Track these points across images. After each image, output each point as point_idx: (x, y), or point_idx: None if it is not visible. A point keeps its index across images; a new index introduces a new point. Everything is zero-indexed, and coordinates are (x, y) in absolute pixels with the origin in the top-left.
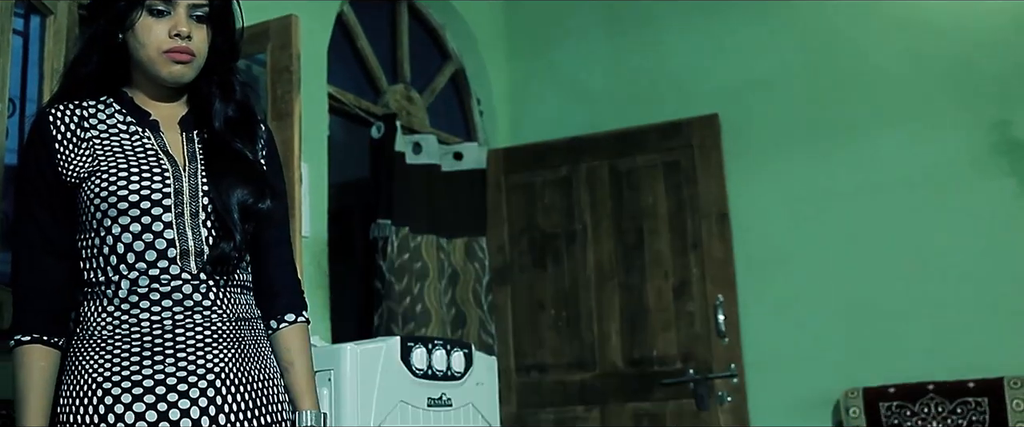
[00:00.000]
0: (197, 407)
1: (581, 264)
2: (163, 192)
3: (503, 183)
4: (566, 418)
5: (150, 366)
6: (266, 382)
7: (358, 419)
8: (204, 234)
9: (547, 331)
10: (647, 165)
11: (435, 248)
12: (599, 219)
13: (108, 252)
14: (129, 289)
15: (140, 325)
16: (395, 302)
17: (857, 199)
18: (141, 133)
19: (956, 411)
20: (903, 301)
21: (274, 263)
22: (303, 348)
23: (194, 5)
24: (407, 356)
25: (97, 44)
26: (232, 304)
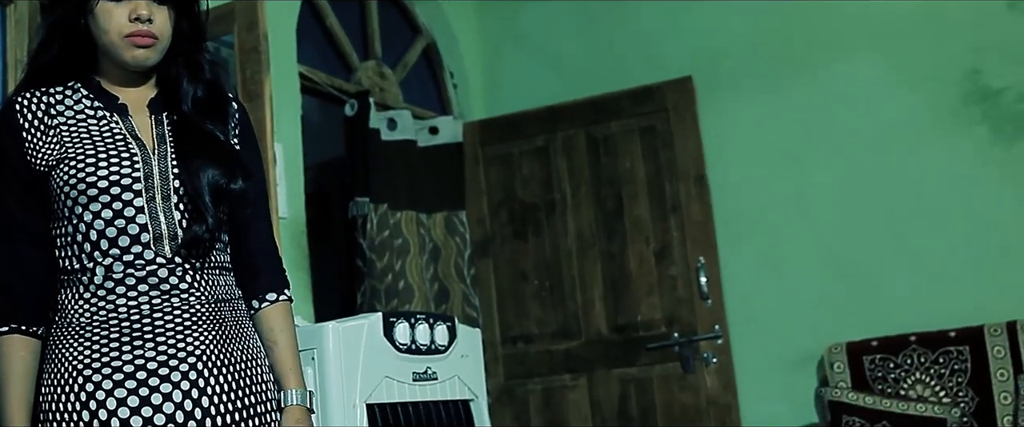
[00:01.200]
0: (179, 390)
1: (562, 233)
2: (133, 176)
3: (480, 155)
4: (553, 387)
5: (130, 351)
6: (249, 362)
7: (344, 396)
8: (177, 217)
9: (531, 301)
10: (623, 131)
11: (415, 224)
12: (578, 187)
13: (82, 239)
14: (104, 275)
15: (117, 311)
16: (377, 280)
17: (833, 154)
18: (109, 118)
19: (938, 361)
20: (882, 254)
21: (253, 242)
22: (286, 327)
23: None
24: (390, 331)
25: (58, 31)
26: (210, 286)
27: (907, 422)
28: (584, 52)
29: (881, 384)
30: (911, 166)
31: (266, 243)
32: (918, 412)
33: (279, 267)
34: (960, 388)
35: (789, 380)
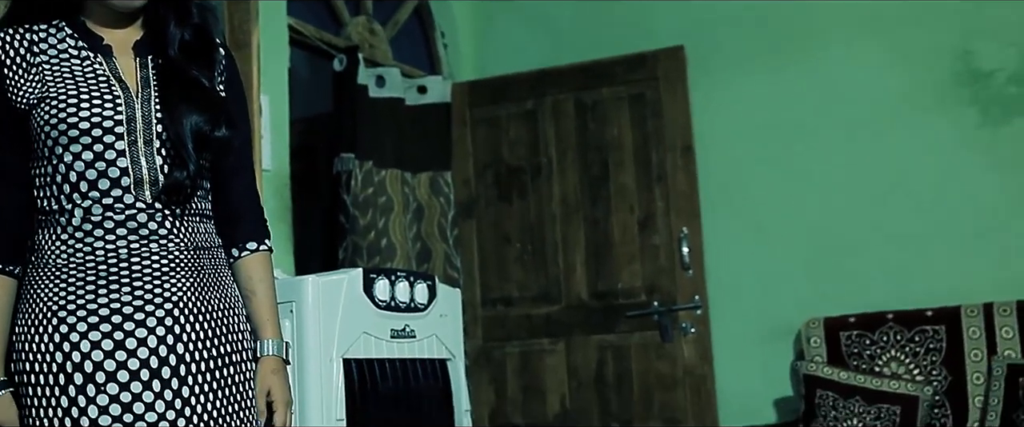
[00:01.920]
0: (154, 336)
1: (546, 198)
2: (115, 119)
3: (468, 117)
4: (531, 351)
5: (106, 295)
6: (226, 311)
7: (321, 350)
8: (158, 163)
9: (512, 265)
10: (612, 98)
11: (400, 182)
12: (564, 152)
13: (61, 180)
14: (83, 217)
15: (95, 253)
16: (359, 236)
17: (821, 131)
18: (93, 58)
19: (914, 339)
20: (865, 232)
21: (235, 191)
22: (265, 277)
23: None
24: (370, 288)
25: None
26: (190, 233)
27: (880, 398)
28: (576, 16)
29: (856, 360)
30: (898, 145)
31: (248, 193)
32: (891, 389)
33: (260, 217)
34: (934, 367)
35: (766, 353)
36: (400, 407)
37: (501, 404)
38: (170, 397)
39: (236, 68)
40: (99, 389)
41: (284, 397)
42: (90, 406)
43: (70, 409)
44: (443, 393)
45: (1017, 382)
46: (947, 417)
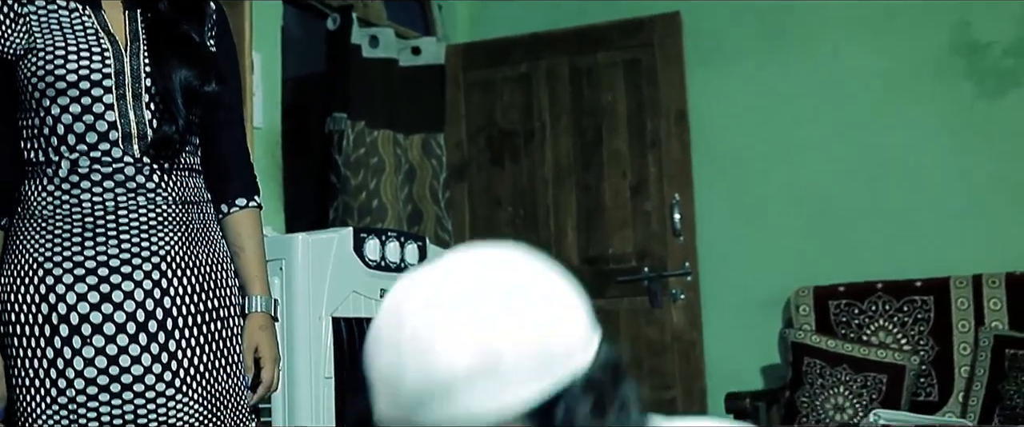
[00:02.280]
0: (141, 290)
1: (539, 162)
2: (103, 72)
3: (462, 79)
4: None
5: (92, 247)
6: (214, 266)
7: (310, 309)
8: (147, 117)
9: (504, 228)
10: (607, 63)
11: (392, 143)
12: (558, 117)
13: (48, 132)
14: (70, 169)
15: (82, 205)
16: (350, 196)
17: (815, 100)
18: (81, 10)
19: (903, 309)
20: (856, 201)
21: (225, 146)
22: (254, 233)
23: None
24: (360, 247)
25: None
26: (179, 187)
27: (867, 366)
28: None
29: (845, 329)
30: (893, 116)
31: (238, 149)
32: (878, 358)
33: (250, 174)
34: (921, 337)
35: (755, 320)
36: None
37: None
38: (156, 351)
39: (227, 23)
40: (85, 342)
41: (272, 353)
42: (75, 358)
43: (55, 360)
44: None
45: (1003, 353)
46: (933, 386)
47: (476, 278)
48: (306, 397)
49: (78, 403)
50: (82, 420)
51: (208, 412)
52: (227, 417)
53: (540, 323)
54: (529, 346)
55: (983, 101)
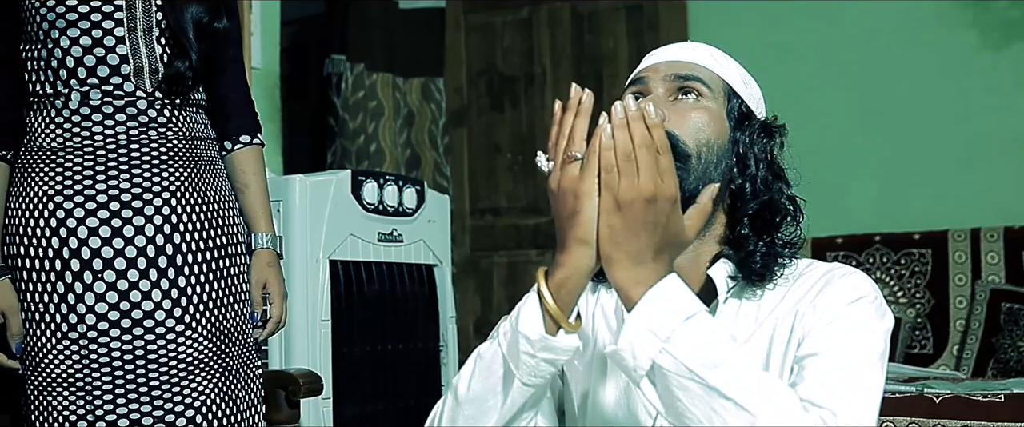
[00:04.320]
0: (152, 225)
1: (539, 108)
2: (114, 4)
3: (462, 23)
4: (518, 261)
5: (104, 181)
6: (221, 203)
7: (307, 251)
8: (158, 51)
9: (503, 174)
10: (609, 8)
11: (391, 87)
12: (558, 63)
13: (57, 65)
14: (80, 101)
15: (93, 138)
16: (348, 140)
17: (818, 49)
18: None
19: (900, 262)
20: (856, 153)
21: (227, 84)
22: (258, 170)
23: None
24: (358, 190)
25: None
26: (188, 123)
27: None
28: None
29: None
30: (896, 66)
31: (241, 86)
32: None
33: (252, 111)
34: (918, 290)
35: None
36: (385, 310)
37: (486, 313)
38: (166, 287)
39: None
40: (96, 276)
41: (280, 290)
42: (87, 293)
43: (66, 295)
44: (429, 299)
45: (999, 306)
46: (928, 339)
47: None
48: (303, 339)
49: (89, 339)
50: (93, 356)
51: (216, 348)
52: (235, 353)
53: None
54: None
55: (987, 52)
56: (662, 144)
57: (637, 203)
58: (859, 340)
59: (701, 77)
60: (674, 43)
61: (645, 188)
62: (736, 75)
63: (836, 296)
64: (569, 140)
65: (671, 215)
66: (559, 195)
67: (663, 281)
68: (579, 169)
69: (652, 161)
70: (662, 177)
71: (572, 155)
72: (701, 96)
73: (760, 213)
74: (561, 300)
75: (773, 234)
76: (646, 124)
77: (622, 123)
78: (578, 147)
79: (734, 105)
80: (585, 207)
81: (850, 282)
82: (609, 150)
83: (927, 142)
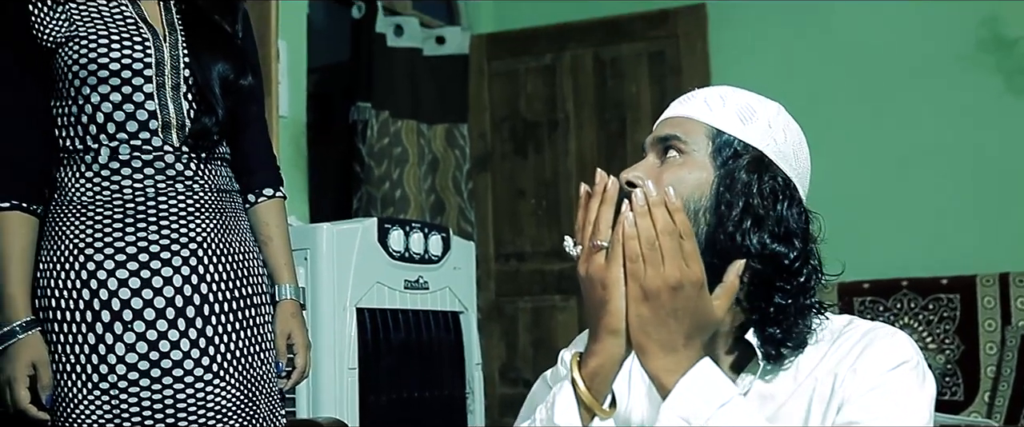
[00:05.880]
0: (180, 275)
1: (562, 153)
2: (144, 61)
3: (486, 69)
4: (543, 306)
5: (133, 233)
6: (246, 254)
7: (334, 299)
8: (185, 107)
9: (527, 220)
10: (632, 54)
11: (415, 133)
12: (582, 108)
13: (87, 120)
14: (110, 156)
15: (123, 191)
16: (374, 186)
17: (841, 93)
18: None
19: (928, 307)
20: (882, 197)
21: (250, 138)
22: (281, 222)
23: None
24: (384, 237)
25: None
26: (213, 176)
27: None
28: None
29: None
30: (919, 110)
31: (263, 140)
32: None
33: (275, 164)
34: (947, 336)
35: None
36: (412, 358)
37: (512, 358)
38: (194, 336)
39: (250, 22)
40: (126, 327)
41: (304, 340)
42: (117, 344)
43: (97, 346)
44: (454, 346)
45: None
46: (958, 386)
47: None
48: (331, 388)
49: (119, 389)
50: (123, 405)
51: (244, 396)
52: (262, 401)
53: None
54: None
55: (1011, 97)
56: (684, 229)
57: (664, 292)
58: (901, 410)
59: (679, 133)
60: (695, 89)
61: (671, 276)
62: (731, 114)
63: (877, 360)
64: (595, 228)
65: (699, 299)
66: (587, 284)
67: (696, 368)
68: (605, 258)
69: (675, 247)
70: (687, 262)
71: (598, 244)
72: (681, 152)
73: (763, 271)
74: (595, 389)
75: (787, 297)
76: (668, 209)
77: (643, 210)
78: (603, 235)
79: (720, 144)
80: (613, 296)
81: (891, 345)
82: (633, 238)
83: (953, 186)
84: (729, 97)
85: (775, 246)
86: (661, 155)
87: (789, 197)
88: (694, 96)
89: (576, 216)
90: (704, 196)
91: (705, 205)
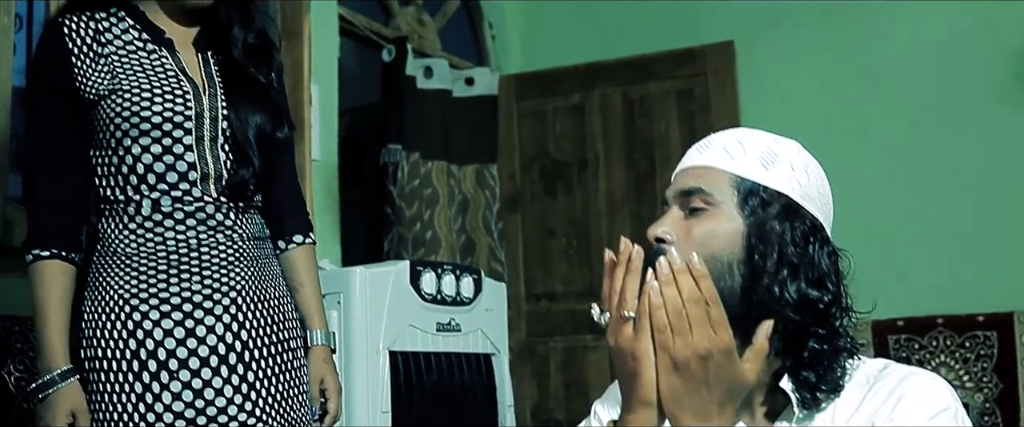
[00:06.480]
0: (221, 324)
1: (592, 193)
2: (185, 114)
3: (515, 110)
4: (575, 347)
5: (177, 284)
6: (280, 299)
7: (367, 342)
8: (222, 158)
9: (557, 259)
10: (660, 93)
11: (446, 174)
12: (611, 147)
13: (127, 171)
14: (152, 207)
15: (165, 243)
16: (405, 228)
17: (872, 129)
18: (159, 52)
19: (965, 345)
20: (916, 233)
21: (282, 186)
22: (311, 269)
23: None
24: (416, 280)
25: None
26: (249, 224)
27: None
28: (625, 10)
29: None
30: (954, 144)
31: (294, 188)
32: None
33: (305, 210)
34: (985, 373)
35: None
36: (444, 401)
37: (543, 399)
38: (237, 382)
39: (282, 67)
40: (172, 376)
41: (336, 385)
42: (164, 392)
43: (144, 395)
44: (487, 388)
45: None
46: (998, 425)
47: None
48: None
49: None
50: None
51: None
52: None
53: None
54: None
55: None
56: (710, 296)
57: (694, 361)
58: None
59: (702, 185)
60: (723, 130)
61: (699, 345)
62: (753, 160)
63: (916, 409)
64: (621, 298)
65: (729, 366)
66: (618, 355)
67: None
68: (633, 328)
69: (702, 315)
70: (715, 330)
71: (626, 315)
72: (707, 205)
73: (799, 320)
74: None
75: (822, 342)
76: (693, 275)
77: (669, 279)
78: (630, 305)
79: (745, 193)
80: (644, 368)
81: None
82: (660, 308)
83: (988, 221)
84: (748, 142)
85: (810, 292)
86: (686, 207)
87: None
88: (712, 143)
89: (602, 284)
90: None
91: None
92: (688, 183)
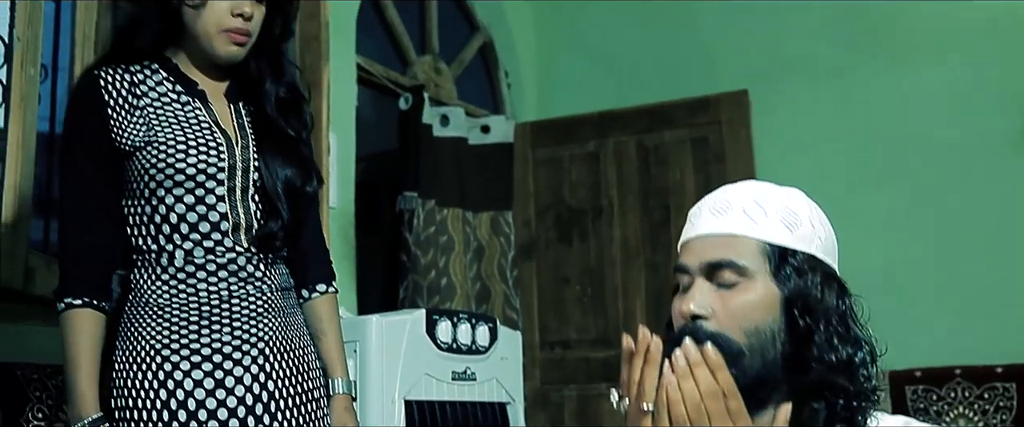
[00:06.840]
0: (249, 374)
1: (607, 240)
2: (218, 166)
3: (530, 157)
4: (589, 395)
5: (208, 335)
6: (304, 349)
7: (383, 390)
8: (252, 209)
9: (572, 307)
10: (675, 141)
11: (461, 222)
12: (626, 195)
13: (160, 221)
14: (185, 259)
15: (198, 294)
16: (421, 275)
17: (887, 178)
18: (192, 103)
19: (983, 396)
20: (931, 282)
21: (306, 236)
22: (333, 317)
23: None
24: (432, 329)
25: (156, 12)
26: (276, 275)
27: None
28: (640, 58)
29: (923, 416)
30: (969, 193)
31: (317, 237)
32: None
33: (328, 259)
34: (1004, 426)
35: None
36: None
37: None
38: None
39: (312, 121)
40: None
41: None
42: None
43: None
44: None
45: None
46: None
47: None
48: None
49: None
50: None
51: None
52: None
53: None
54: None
55: None
56: (728, 388)
57: None
58: None
59: (733, 259)
60: (731, 183)
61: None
62: (776, 223)
63: None
64: (640, 390)
65: None
66: None
67: None
68: (651, 421)
69: (722, 409)
70: (734, 421)
71: (645, 409)
72: (740, 277)
73: (839, 382)
74: None
75: (851, 399)
76: (710, 367)
77: (686, 373)
78: (649, 398)
79: (778, 261)
80: None
81: None
82: (678, 403)
83: (1007, 271)
84: (765, 203)
85: (855, 353)
86: (715, 280)
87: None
88: (731, 207)
89: (621, 372)
90: (775, 318)
91: (779, 325)
92: (716, 255)
